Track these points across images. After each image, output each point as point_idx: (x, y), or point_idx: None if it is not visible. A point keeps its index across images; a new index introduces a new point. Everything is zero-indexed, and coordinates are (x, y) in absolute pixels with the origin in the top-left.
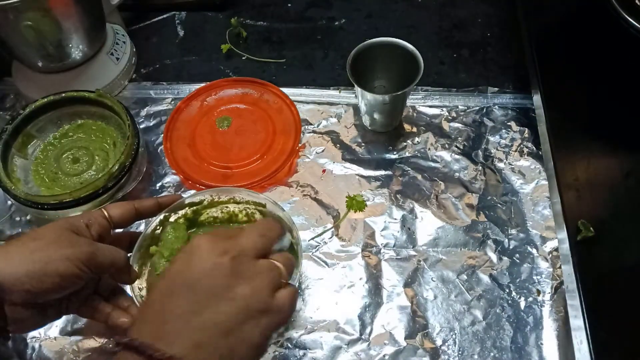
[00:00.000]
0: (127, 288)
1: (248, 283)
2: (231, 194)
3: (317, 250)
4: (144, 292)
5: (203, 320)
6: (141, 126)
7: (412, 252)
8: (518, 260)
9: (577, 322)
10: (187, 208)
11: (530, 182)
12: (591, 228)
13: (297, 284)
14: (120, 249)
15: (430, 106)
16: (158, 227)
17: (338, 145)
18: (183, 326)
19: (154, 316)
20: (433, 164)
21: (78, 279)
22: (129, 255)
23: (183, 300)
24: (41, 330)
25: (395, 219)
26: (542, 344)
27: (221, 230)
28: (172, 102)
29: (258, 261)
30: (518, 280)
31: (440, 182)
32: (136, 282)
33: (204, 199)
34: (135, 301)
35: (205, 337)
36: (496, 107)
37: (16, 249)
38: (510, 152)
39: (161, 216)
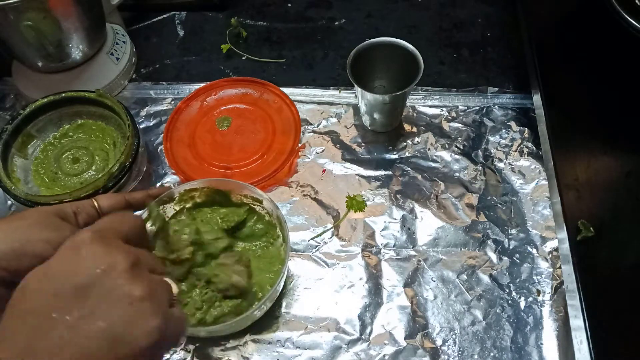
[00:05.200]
0: None
1: (146, 286)
2: (229, 186)
3: (317, 250)
4: None
5: (95, 328)
6: (141, 126)
7: (412, 252)
8: (518, 260)
9: (577, 322)
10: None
11: (530, 182)
12: (591, 228)
13: (283, 284)
14: None
15: (430, 106)
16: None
17: (338, 145)
18: (70, 335)
19: (31, 322)
20: (433, 164)
21: None
22: None
23: (71, 304)
24: None
25: (395, 219)
26: (542, 344)
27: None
28: (172, 102)
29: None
30: (518, 280)
31: (440, 182)
32: None
33: (201, 187)
34: None
35: (94, 349)
36: (496, 107)
37: None
38: (510, 152)
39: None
